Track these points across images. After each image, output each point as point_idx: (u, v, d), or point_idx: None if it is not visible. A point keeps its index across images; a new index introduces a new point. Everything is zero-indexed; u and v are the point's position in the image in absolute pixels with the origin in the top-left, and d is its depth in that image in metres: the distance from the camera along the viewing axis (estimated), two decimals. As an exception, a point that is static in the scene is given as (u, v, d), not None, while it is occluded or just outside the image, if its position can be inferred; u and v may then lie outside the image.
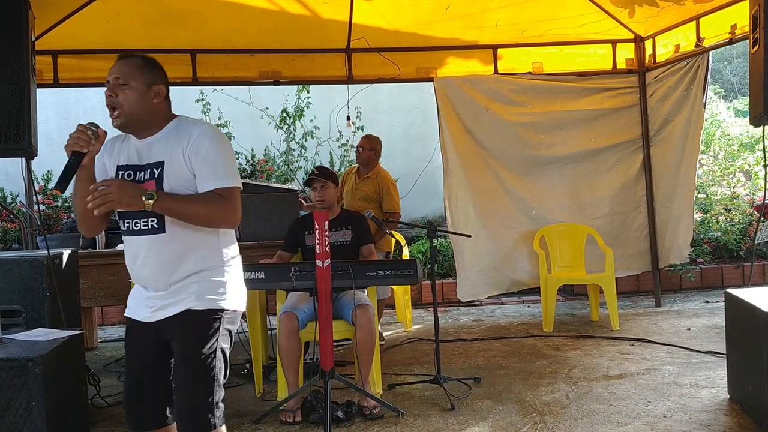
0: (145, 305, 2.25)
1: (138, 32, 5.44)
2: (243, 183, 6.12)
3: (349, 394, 3.93)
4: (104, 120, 2.25)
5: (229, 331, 2.27)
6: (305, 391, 3.74)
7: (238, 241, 5.58)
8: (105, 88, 2.18)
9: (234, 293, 2.29)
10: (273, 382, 4.26)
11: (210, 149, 2.16)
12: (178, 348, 2.21)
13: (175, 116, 2.27)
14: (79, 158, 2.10)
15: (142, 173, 2.20)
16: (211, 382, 2.17)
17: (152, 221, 2.17)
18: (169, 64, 5.57)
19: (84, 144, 2.10)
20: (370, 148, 5.47)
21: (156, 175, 2.17)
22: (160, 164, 2.17)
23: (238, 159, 7.75)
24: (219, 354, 2.20)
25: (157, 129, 2.23)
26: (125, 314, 2.36)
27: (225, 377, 2.24)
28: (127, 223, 2.22)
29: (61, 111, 7.78)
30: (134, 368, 2.32)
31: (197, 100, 7.48)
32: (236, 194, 2.21)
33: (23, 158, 4.18)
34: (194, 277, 2.21)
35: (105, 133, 2.18)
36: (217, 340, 2.20)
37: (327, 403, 3.31)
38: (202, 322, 2.19)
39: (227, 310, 2.25)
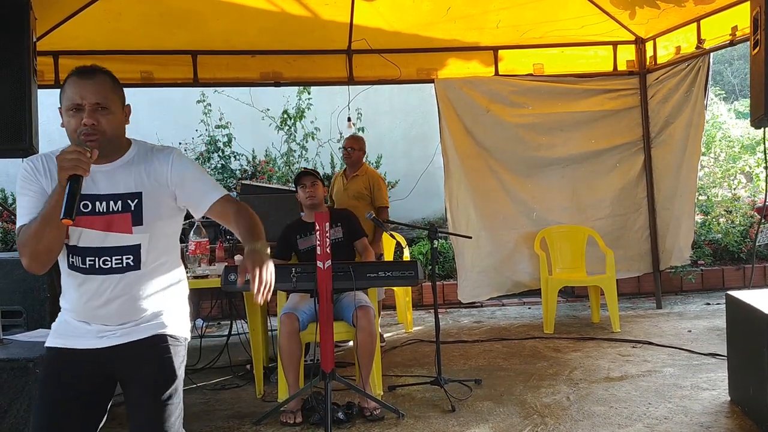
0: (91, 335, 2.01)
1: (139, 33, 5.44)
2: (244, 184, 6.13)
3: (349, 396, 3.93)
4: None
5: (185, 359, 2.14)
6: (306, 393, 3.74)
7: (239, 242, 5.60)
8: (75, 110, 1.94)
9: (188, 322, 2.20)
10: (274, 383, 4.26)
11: (194, 169, 2.09)
12: (143, 374, 2.00)
13: (130, 140, 2.08)
14: (80, 182, 1.83)
15: (108, 204, 1.98)
16: (180, 410, 2.03)
17: (128, 258, 1.98)
18: (171, 65, 5.66)
19: (86, 167, 1.83)
20: (359, 148, 5.54)
21: (132, 208, 1.99)
22: (137, 195, 2.00)
23: (238, 160, 7.76)
24: (181, 384, 2.07)
25: (120, 154, 2.03)
26: (48, 345, 2.04)
27: None
28: (91, 260, 1.97)
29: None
30: (56, 401, 1.95)
31: (198, 101, 7.48)
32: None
33: (24, 159, 4.17)
34: (161, 309, 2.07)
35: (97, 153, 1.90)
36: (182, 369, 2.08)
37: (327, 404, 3.30)
38: (172, 348, 2.05)
39: (187, 338, 2.16)
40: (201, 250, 4.21)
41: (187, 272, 4.15)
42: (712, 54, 5.54)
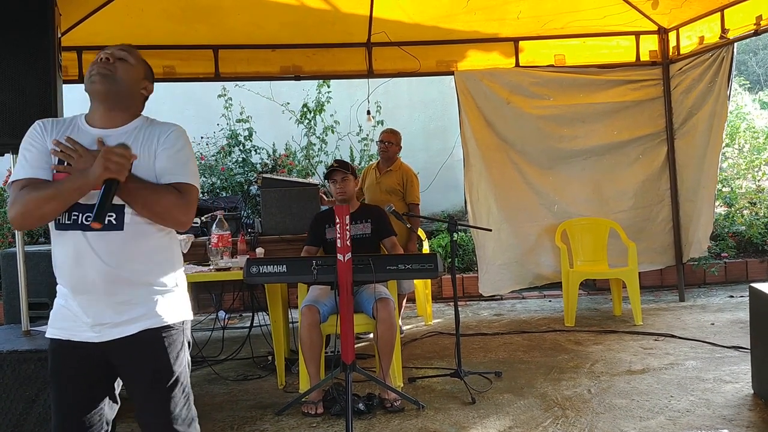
0: (85, 326, 1.98)
1: (161, 28, 5.50)
2: (265, 177, 6.15)
3: (370, 387, 3.95)
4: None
5: (189, 343, 2.10)
6: (327, 384, 3.77)
7: (260, 235, 5.64)
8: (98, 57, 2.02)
9: (188, 302, 2.14)
10: (295, 375, 4.29)
11: (181, 148, 2.02)
12: (141, 371, 2.00)
13: (140, 114, 2.11)
14: (117, 186, 1.85)
15: None
16: (188, 401, 2.04)
17: (110, 216, 1.91)
18: (192, 60, 5.72)
19: (126, 172, 1.86)
20: (396, 142, 5.50)
21: None
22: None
23: (259, 153, 7.80)
24: (187, 370, 2.05)
25: (122, 122, 2.04)
26: (48, 335, 2.05)
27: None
28: (75, 215, 1.92)
29: (86, 106, 7.87)
30: (73, 397, 2.02)
31: (219, 96, 7.53)
32: (193, 193, 2.02)
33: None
34: (152, 288, 2.00)
35: (135, 156, 1.93)
36: (184, 354, 2.05)
37: (348, 395, 3.33)
38: (168, 339, 2.00)
39: (186, 320, 2.09)
40: (223, 242, 4.25)
41: (209, 265, 4.23)
42: (736, 44, 5.46)
